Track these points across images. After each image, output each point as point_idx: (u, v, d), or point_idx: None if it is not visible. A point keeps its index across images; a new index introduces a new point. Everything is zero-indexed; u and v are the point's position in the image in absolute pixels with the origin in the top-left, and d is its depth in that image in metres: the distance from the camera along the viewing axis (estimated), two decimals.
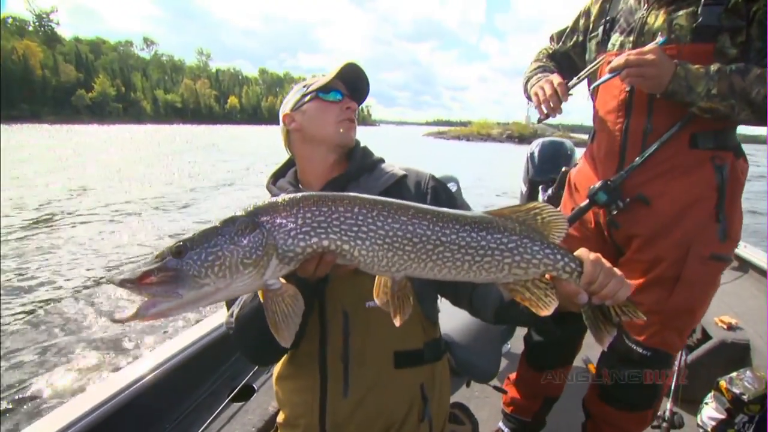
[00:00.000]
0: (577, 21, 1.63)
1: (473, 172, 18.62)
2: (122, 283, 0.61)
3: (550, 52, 1.74)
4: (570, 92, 1.48)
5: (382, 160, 1.15)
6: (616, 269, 0.73)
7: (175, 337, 1.82)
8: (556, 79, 1.48)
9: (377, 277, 0.74)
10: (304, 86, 1.14)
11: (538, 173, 2.44)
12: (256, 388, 1.71)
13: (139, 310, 0.61)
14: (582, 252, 0.74)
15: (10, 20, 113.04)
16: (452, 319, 1.40)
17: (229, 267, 0.64)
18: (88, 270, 5.92)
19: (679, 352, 1.95)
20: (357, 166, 1.10)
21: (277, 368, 1.15)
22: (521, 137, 57.71)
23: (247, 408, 1.61)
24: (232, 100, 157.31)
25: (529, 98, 1.63)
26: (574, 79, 1.47)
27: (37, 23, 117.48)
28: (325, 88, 1.09)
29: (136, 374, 1.51)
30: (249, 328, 0.94)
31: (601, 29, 1.48)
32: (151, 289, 0.61)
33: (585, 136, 1.74)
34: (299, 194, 0.71)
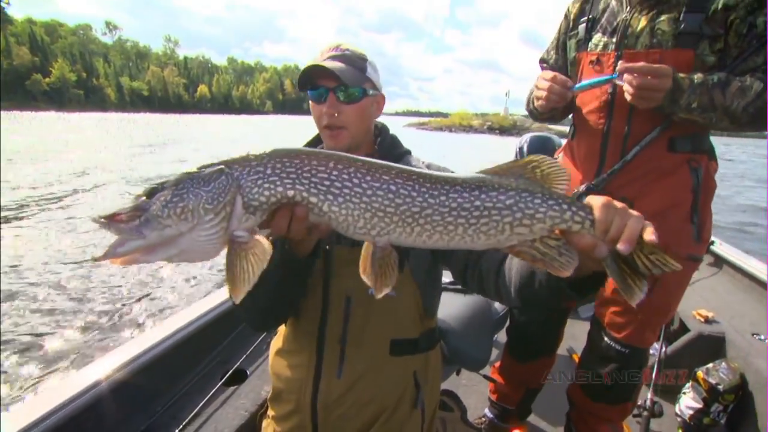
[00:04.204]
0: (559, 30, 1.62)
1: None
2: (96, 220, 0.62)
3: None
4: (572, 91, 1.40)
5: (408, 152, 1.12)
6: (631, 210, 0.64)
7: (167, 320, 1.78)
8: (547, 74, 1.43)
9: (363, 247, 0.69)
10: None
11: None
12: (248, 372, 1.69)
13: (109, 248, 0.62)
14: (590, 198, 0.66)
15: None
16: (447, 307, 1.38)
17: (191, 210, 0.63)
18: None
19: (660, 344, 2.03)
20: (384, 157, 1.03)
21: (275, 341, 1.14)
22: (502, 128, 58.74)
23: (240, 392, 1.59)
24: (202, 89, 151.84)
25: (534, 115, 1.62)
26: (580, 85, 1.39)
27: None
28: (302, 85, 1.01)
29: (128, 357, 1.48)
30: (255, 290, 0.88)
31: (582, 27, 1.48)
32: (119, 227, 0.62)
33: (564, 128, 1.72)
34: (275, 148, 0.68)
